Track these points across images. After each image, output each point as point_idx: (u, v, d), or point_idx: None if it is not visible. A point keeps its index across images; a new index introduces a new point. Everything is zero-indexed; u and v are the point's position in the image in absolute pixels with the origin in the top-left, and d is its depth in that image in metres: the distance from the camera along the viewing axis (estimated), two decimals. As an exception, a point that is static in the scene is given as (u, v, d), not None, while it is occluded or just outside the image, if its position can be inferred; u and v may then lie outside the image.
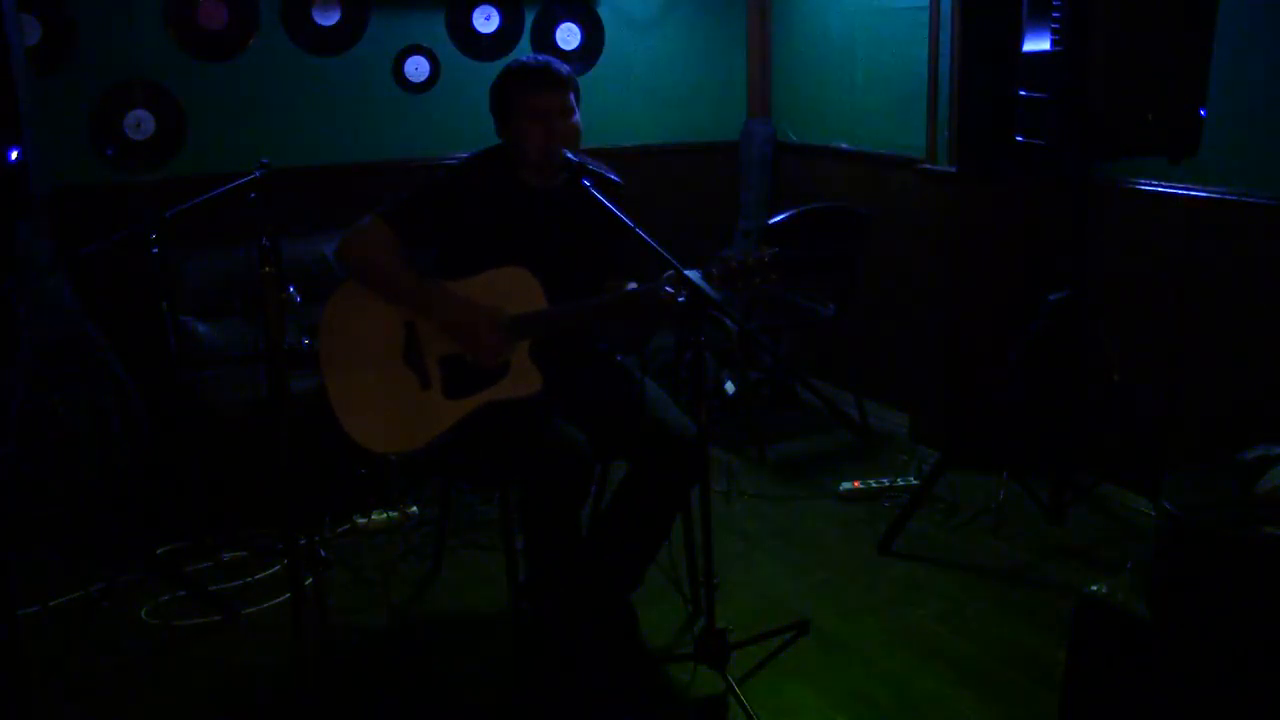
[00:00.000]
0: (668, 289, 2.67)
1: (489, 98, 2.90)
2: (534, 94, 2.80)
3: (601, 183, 2.76)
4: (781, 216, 4.16)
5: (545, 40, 4.84)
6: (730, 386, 4.69)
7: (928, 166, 4.28)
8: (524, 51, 4.78)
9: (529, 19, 4.80)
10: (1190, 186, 3.47)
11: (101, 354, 3.79)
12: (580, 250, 2.95)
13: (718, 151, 5.28)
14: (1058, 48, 2.96)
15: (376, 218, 2.82)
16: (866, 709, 2.73)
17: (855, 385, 4.61)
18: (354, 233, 2.82)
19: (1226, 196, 3.37)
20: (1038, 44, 3.04)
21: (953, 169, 4.14)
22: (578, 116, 2.87)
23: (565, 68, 2.86)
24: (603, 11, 4.93)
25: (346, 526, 3.75)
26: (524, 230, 2.89)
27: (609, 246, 2.99)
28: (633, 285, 2.91)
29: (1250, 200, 3.31)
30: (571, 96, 2.84)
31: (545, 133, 2.79)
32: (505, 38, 4.76)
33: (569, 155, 2.77)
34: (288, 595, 3.24)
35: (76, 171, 4.17)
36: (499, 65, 3.01)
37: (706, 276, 2.62)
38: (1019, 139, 3.15)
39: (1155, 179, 3.59)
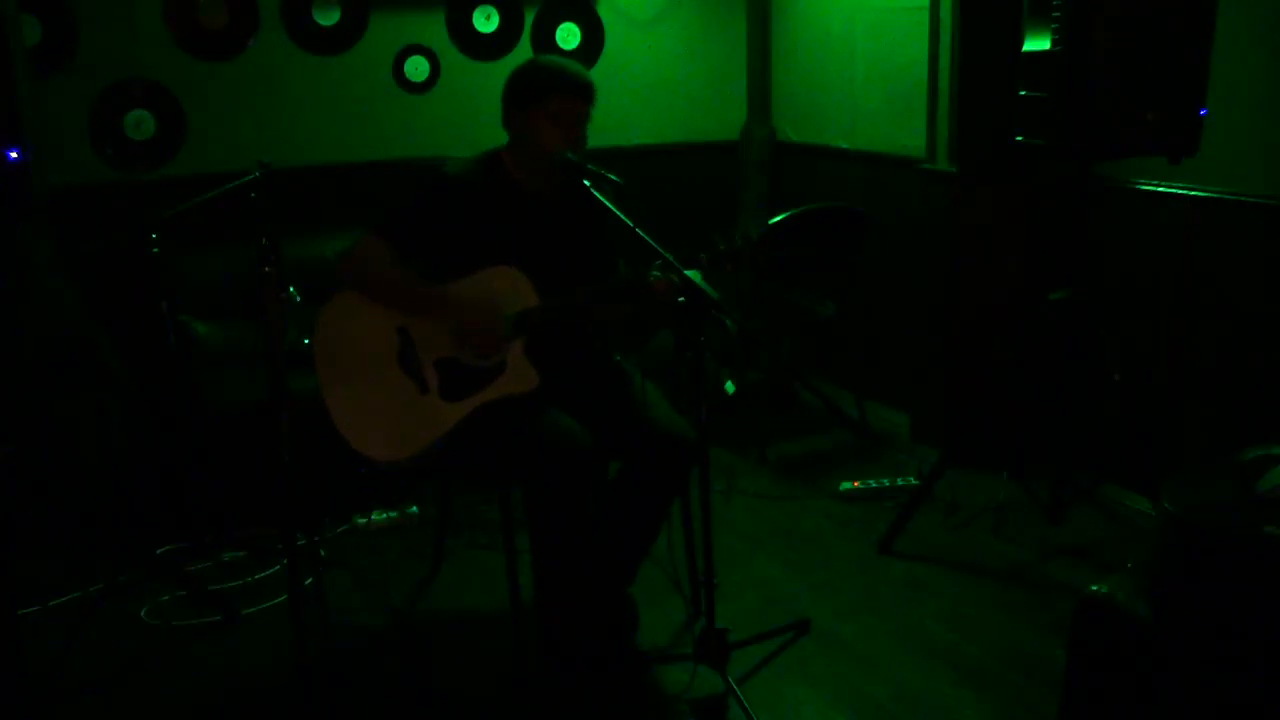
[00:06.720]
0: (656, 273, 2.68)
1: (510, 86, 2.86)
2: (568, 98, 2.80)
3: (602, 182, 2.77)
4: (781, 217, 4.16)
5: (545, 40, 4.84)
6: (730, 386, 4.69)
7: (928, 166, 4.28)
8: (524, 51, 4.77)
9: (529, 19, 4.79)
10: (1190, 186, 3.47)
11: (101, 354, 3.79)
12: (577, 252, 2.95)
13: (718, 151, 5.28)
14: (1058, 48, 2.96)
15: (371, 234, 2.83)
16: (866, 709, 2.73)
17: (855, 385, 4.61)
18: (348, 257, 2.86)
19: (1226, 196, 3.37)
20: (1038, 44, 3.04)
21: (953, 169, 4.14)
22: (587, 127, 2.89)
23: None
24: (603, 11, 4.93)
25: (346, 526, 3.76)
26: (521, 233, 2.88)
27: (607, 247, 2.99)
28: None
29: (1250, 200, 3.31)
30: (590, 108, 2.86)
31: (563, 137, 2.80)
32: (505, 38, 4.75)
33: (569, 155, 2.79)
34: (287, 595, 3.24)
35: (76, 171, 4.17)
36: (499, 65, 3.01)
37: (696, 263, 2.63)
38: (1019, 139, 3.15)
39: (1155, 179, 3.59)
